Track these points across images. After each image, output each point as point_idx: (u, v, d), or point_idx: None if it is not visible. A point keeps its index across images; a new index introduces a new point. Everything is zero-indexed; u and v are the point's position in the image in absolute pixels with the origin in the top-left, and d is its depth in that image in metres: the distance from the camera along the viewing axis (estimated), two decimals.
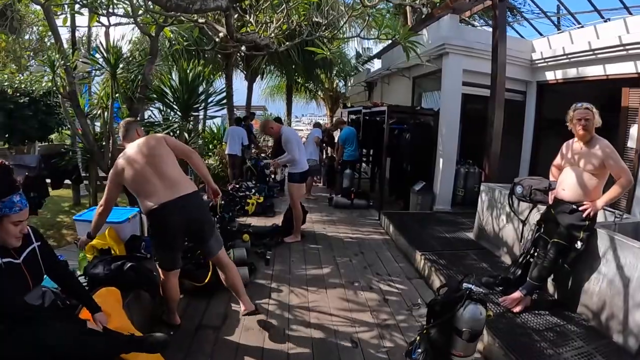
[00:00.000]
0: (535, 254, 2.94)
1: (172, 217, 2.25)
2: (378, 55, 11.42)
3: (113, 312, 2.01)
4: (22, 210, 1.61)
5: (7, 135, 6.19)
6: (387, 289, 3.46)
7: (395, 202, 7.27)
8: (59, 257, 1.95)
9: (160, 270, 2.48)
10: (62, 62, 3.77)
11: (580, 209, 2.62)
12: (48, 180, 6.20)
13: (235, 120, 8.76)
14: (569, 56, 5.44)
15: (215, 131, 10.71)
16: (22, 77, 6.32)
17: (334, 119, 8.88)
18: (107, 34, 4.54)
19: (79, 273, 2.57)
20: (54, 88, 4.15)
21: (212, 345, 2.48)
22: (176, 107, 3.91)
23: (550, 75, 6.08)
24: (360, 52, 14.36)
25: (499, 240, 3.98)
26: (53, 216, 6.15)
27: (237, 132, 7.82)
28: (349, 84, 14.06)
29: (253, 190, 6.42)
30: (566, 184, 2.76)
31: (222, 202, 4.85)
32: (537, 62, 6.17)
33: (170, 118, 4.15)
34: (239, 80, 12.62)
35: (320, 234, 5.07)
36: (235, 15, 4.01)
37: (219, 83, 11.97)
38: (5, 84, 5.71)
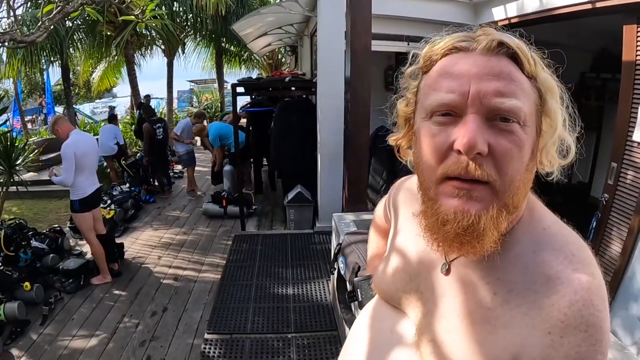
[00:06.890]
0: None
1: None
2: None
3: None
4: None
5: None
6: None
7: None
8: None
9: None
10: None
11: None
12: None
13: (108, 118, 7.55)
14: None
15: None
16: None
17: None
18: None
19: None
20: None
21: None
22: None
23: (499, 13, 3.95)
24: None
25: None
26: None
27: (107, 131, 6.72)
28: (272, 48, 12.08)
29: (109, 201, 5.03)
30: None
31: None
32: None
33: None
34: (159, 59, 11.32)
35: (146, 268, 3.77)
36: None
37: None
38: None
